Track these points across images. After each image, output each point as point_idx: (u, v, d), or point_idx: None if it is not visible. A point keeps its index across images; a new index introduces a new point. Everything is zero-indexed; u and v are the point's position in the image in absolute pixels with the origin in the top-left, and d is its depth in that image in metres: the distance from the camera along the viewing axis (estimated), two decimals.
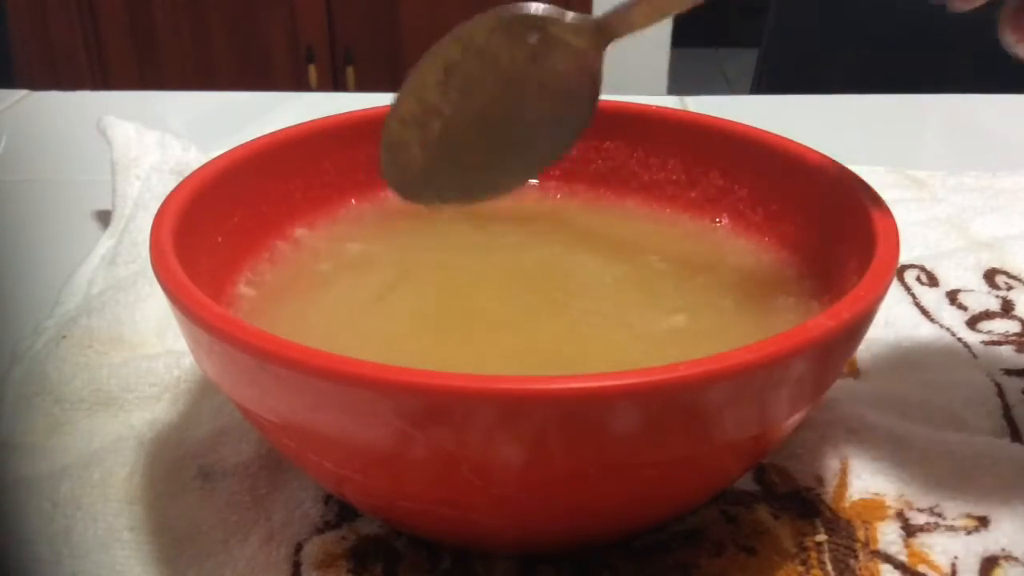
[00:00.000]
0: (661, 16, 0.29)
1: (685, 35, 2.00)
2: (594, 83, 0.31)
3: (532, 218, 0.36)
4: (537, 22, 0.30)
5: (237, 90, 0.74)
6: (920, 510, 0.29)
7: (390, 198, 0.35)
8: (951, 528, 0.28)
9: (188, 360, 0.34)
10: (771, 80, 1.07)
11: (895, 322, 0.38)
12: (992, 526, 0.28)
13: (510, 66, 0.31)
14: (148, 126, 0.50)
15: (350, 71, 1.77)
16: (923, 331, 0.37)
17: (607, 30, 0.30)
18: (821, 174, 0.31)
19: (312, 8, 1.72)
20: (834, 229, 0.30)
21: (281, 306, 0.30)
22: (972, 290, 0.40)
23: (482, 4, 0.28)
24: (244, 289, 0.31)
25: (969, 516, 0.28)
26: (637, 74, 1.84)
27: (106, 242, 0.44)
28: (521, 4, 0.30)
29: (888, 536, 0.28)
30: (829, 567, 0.27)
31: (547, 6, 0.30)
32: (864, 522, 0.28)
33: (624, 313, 0.30)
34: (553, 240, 0.35)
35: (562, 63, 0.30)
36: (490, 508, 0.23)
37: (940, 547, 0.27)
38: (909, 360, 0.36)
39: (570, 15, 0.30)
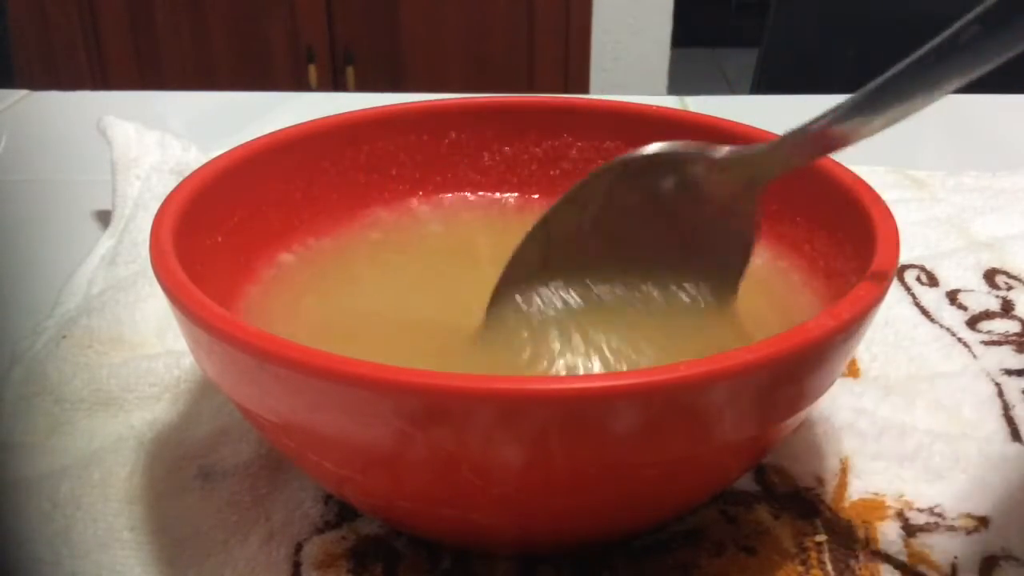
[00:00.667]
0: (817, 155, 0.25)
1: (685, 35, 2.00)
2: (747, 235, 0.26)
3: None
4: (669, 163, 0.25)
5: (237, 90, 0.74)
6: (920, 510, 0.29)
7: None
8: (951, 528, 0.28)
9: (188, 360, 0.34)
10: (771, 80, 1.07)
11: (895, 322, 0.38)
12: (992, 526, 0.28)
13: (641, 220, 0.26)
14: (148, 126, 0.50)
15: (350, 71, 1.77)
16: (923, 331, 0.37)
17: (758, 168, 0.25)
18: (821, 174, 0.31)
19: (312, 8, 1.72)
20: (834, 229, 0.30)
21: (293, 304, 0.30)
22: (972, 290, 0.40)
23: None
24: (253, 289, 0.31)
25: (969, 516, 0.28)
26: (637, 74, 1.85)
27: (106, 242, 0.44)
28: (647, 147, 0.25)
29: (888, 536, 0.28)
30: (829, 567, 0.27)
31: (680, 143, 0.25)
32: (864, 522, 0.28)
33: (642, 311, 0.30)
34: None
35: (705, 209, 0.26)
36: (490, 508, 0.23)
37: (940, 547, 0.27)
38: (909, 360, 0.36)
39: (711, 150, 0.25)
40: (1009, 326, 0.38)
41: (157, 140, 0.49)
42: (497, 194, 0.37)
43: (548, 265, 0.27)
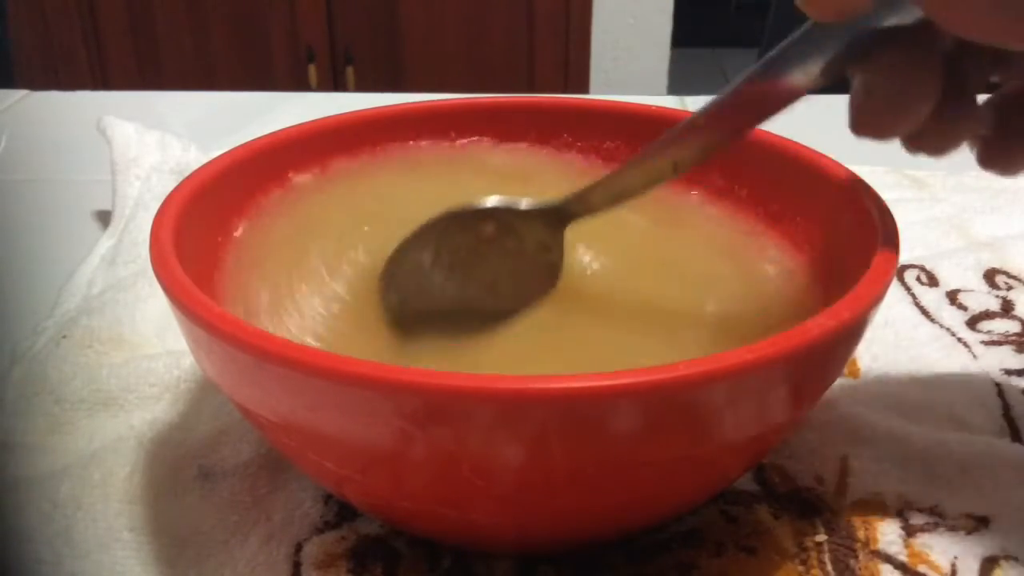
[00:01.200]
0: (620, 201, 0.29)
1: (685, 35, 2.00)
2: (554, 265, 0.31)
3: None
4: (490, 213, 0.30)
5: (237, 90, 0.74)
6: (920, 510, 0.29)
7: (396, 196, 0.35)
8: (951, 528, 0.28)
9: (188, 360, 0.34)
10: None
11: (895, 322, 0.38)
12: (992, 526, 0.28)
13: (469, 251, 0.31)
14: (148, 126, 0.50)
15: (350, 71, 1.77)
16: (923, 331, 0.37)
17: (564, 214, 0.30)
18: (821, 174, 0.31)
19: (312, 8, 1.72)
20: (834, 229, 0.30)
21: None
22: (972, 290, 0.40)
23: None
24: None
25: (969, 516, 0.28)
26: (637, 74, 1.85)
27: (106, 242, 0.44)
28: (475, 201, 0.30)
29: (888, 536, 0.28)
30: (829, 567, 0.27)
31: (501, 198, 0.30)
32: (864, 522, 0.28)
33: (638, 311, 0.30)
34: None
35: (521, 246, 0.31)
36: (490, 508, 0.23)
37: (940, 547, 0.27)
38: (909, 360, 0.36)
39: (525, 202, 0.30)
40: (1009, 326, 0.38)
41: (157, 140, 0.49)
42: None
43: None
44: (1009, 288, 0.40)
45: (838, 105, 0.25)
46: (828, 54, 0.24)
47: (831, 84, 0.25)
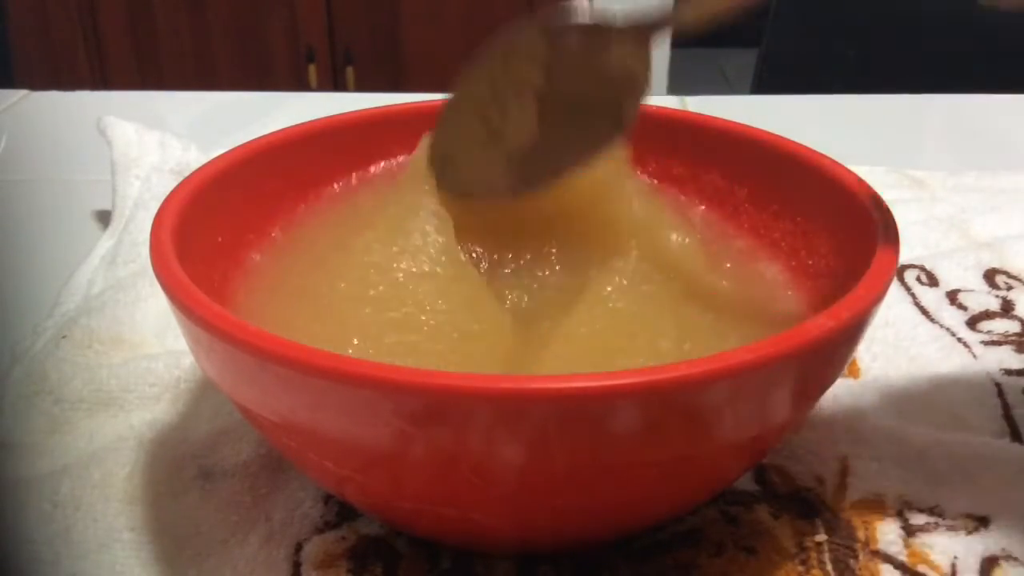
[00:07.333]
0: (710, 20, 0.27)
1: (685, 35, 2.00)
2: (640, 79, 0.29)
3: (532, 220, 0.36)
4: (580, 30, 0.29)
5: (237, 90, 0.74)
6: (920, 510, 0.29)
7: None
8: (951, 528, 0.28)
9: (188, 360, 0.34)
10: (771, 80, 1.07)
11: (895, 322, 0.38)
12: (992, 526, 0.28)
13: (555, 69, 0.29)
14: (148, 126, 0.50)
15: (350, 71, 1.77)
16: (923, 331, 0.37)
17: (652, 28, 0.28)
18: (821, 174, 0.31)
19: (312, 8, 1.72)
20: (834, 229, 0.30)
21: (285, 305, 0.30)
22: (972, 290, 0.40)
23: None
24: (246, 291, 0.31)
25: (969, 516, 0.28)
26: None
27: (106, 242, 0.44)
28: (561, 15, 0.29)
29: (888, 536, 0.28)
30: (829, 567, 0.27)
31: (591, 16, 0.29)
32: (864, 522, 0.28)
33: (631, 311, 0.30)
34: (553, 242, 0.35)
35: (608, 62, 0.29)
36: (490, 508, 0.23)
37: (940, 547, 0.27)
38: (909, 360, 0.36)
39: (613, 20, 0.29)
40: (1009, 326, 0.38)
41: (157, 140, 0.49)
42: None
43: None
44: (1009, 288, 0.40)
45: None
46: None
47: None
